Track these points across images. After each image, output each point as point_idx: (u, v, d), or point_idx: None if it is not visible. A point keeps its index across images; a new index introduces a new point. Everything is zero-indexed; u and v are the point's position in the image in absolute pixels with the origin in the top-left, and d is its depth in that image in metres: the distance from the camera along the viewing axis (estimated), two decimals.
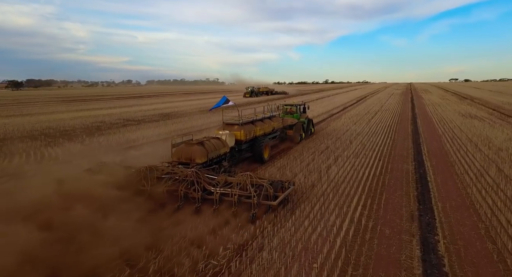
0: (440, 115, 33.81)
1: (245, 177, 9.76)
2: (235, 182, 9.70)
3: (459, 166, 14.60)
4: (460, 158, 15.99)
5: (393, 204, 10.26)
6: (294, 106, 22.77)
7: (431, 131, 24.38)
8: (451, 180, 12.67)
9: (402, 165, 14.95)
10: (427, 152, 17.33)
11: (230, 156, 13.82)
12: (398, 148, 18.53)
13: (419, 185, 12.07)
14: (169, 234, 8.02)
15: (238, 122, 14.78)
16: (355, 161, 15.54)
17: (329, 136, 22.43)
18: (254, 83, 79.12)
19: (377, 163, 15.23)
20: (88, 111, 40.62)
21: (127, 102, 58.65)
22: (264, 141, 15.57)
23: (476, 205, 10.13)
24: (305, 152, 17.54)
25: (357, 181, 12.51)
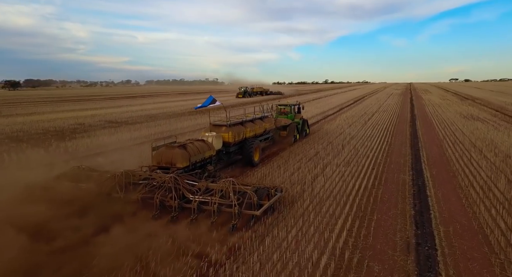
0: (441, 117, 32.08)
1: (227, 184, 8.92)
2: (217, 189, 8.92)
3: (462, 176, 12.86)
4: (463, 166, 14.25)
5: (385, 228, 8.52)
6: (288, 106, 21.67)
7: (431, 134, 22.65)
8: (454, 194, 10.93)
9: (398, 175, 13.21)
10: (426, 159, 15.59)
11: (217, 159, 13.13)
12: (394, 154, 16.79)
13: (417, 201, 10.34)
14: (131, 250, 6.94)
15: (225, 123, 13.95)
16: (345, 170, 13.80)
17: (320, 140, 20.70)
18: (250, 83, 77.14)
19: (370, 172, 13.50)
20: (72, 112, 38.87)
21: (118, 103, 56.87)
22: (254, 143, 14.67)
23: (486, 229, 8.39)
24: (291, 159, 15.81)
25: (345, 196, 10.76)
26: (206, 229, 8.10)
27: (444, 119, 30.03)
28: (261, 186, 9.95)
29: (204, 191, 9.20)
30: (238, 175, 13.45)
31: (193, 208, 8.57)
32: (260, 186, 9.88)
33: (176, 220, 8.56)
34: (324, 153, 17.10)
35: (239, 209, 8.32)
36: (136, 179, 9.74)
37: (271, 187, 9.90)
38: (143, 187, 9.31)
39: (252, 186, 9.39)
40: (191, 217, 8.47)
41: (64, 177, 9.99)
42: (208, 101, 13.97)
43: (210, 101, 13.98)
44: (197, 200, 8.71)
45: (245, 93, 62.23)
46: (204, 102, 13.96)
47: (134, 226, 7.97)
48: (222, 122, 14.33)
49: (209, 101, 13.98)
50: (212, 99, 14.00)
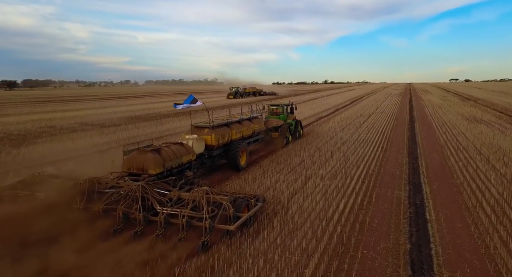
0: (441, 119, 30.01)
1: (200, 193, 8.00)
2: (189, 199, 8.07)
3: (469, 193, 10.79)
4: (469, 179, 12.18)
5: (371, 272, 6.46)
6: (280, 106, 20.68)
7: (431, 139, 20.58)
8: (460, 219, 8.86)
9: (393, 190, 11.15)
10: (425, 170, 13.52)
11: (198, 164, 12.31)
12: (389, 163, 14.72)
13: (413, 230, 8.28)
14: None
15: (208, 125, 13.02)
16: (330, 184, 11.73)
17: (308, 146, 18.63)
18: (243, 83, 74.87)
19: (360, 187, 11.44)
20: (52, 113, 36.77)
21: (107, 103, 54.82)
22: (240, 146, 13.77)
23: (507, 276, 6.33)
24: (270, 169, 13.75)
25: (325, 221, 8.70)
26: (171, 246, 7.15)
27: (445, 122, 27.97)
28: (241, 195, 9.17)
29: (176, 201, 8.34)
30: (221, 181, 12.44)
31: (160, 222, 7.58)
32: (240, 195, 9.07)
33: (141, 235, 7.60)
34: (309, 161, 15.03)
35: (211, 223, 7.31)
36: (102, 187, 8.84)
37: (252, 196, 9.05)
38: (108, 197, 8.40)
39: (230, 196, 8.39)
40: (157, 233, 7.47)
41: (21, 185, 9.03)
42: (188, 100, 12.78)
43: (190, 100, 12.79)
44: (165, 212, 7.73)
45: (237, 93, 59.60)
46: (184, 101, 12.76)
47: (87, 244, 6.98)
48: (205, 123, 13.25)
49: (189, 100, 12.79)
50: (192, 98, 12.82)
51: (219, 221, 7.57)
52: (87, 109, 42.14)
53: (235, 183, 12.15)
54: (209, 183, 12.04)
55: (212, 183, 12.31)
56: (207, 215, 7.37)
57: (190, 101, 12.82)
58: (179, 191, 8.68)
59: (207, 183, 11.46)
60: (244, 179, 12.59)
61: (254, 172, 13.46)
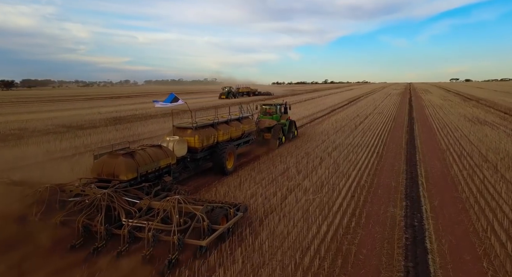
0: (442, 120, 28.30)
1: (172, 202, 7.21)
2: (159, 209, 7.29)
3: (477, 212, 9.09)
4: (476, 193, 10.48)
5: None
6: (273, 106, 19.96)
7: (432, 143, 18.87)
8: (468, 249, 7.15)
9: (386, 207, 9.46)
10: (425, 181, 11.82)
11: (181, 167, 11.59)
12: (384, 172, 13.03)
13: (410, 264, 6.58)
14: None
15: (191, 125, 12.15)
16: (313, 199, 10.03)
17: (297, 150, 16.95)
18: (240, 83, 72.98)
19: (348, 202, 9.74)
20: (34, 113, 35.03)
21: (96, 103, 53.14)
22: (227, 148, 12.94)
23: None
24: (249, 180, 12.06)
25: (299, 254, 6.99)
26: (135, 265, 6.32)
27: (447, 123, 26.25)
28: (220, 203, 8.36)
29: (146, 211, 7.55)
30: (205, 186, 11.54)
31: (123, 236, 6.80)
32: (219, 203, 8.26)
33: (102, 252, 6.77)
34: (295, 169, 13.34)
35: (181, 238, 6.48)
36: (66, 195, 8.02)
37: (233, 205, 8.28)
38: (72, 207, 7.58)
39: (205, 205, 7.46)
40: (119, 249, 6.67)
41: None
42: (168, 99, 11.90)
43: (171, 99, 11.91)
44: (130, 224, 6.94)
45: (229, 93, 57.35)
46: (165, 100, 11.92)
47: (34, 263, 6.20)
48: (188, 124, 12.41)
49: (170, 99, 11.91)
50: (173, 97, 11.95)
51: (192, 235, 6.73)
52: (73, 110, 40.45)
53: (221, 188, 10.63)
54: (191, 189, 11.07)
55: (195, 189, 11.27)
56: (176, 228, 6.55)
57: (171, 100, 11.90)
58: (150, 200, 7.83)
59: (187, 189, 10.35)
60: (228, 184, 10.92)
61: (241, 177, 11.83)
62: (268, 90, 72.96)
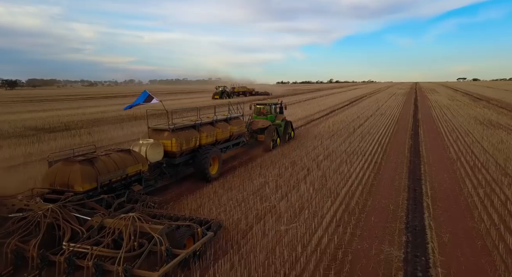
0: (451, 123, 25.75)
1: (126, 221, 6.05)
2: (112, 229, 6.11)
3: (503, 254, 6.71)
4: (498, 224, 8.07)
5: None
6: (267, 105, 18.86)
7: (439, 150, 16.43)
8: None
9: (380, 245, 7.13)
10: (432, 203, 9.45)
11: (156, 174, 10.59)
12: (381, 190, 10.67)
13: None
14: None
15: (168, 127, 11.03)
16: (284, 234, 7.72)
17: (282, 158, 14.65)
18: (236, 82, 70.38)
19: (329, 238, 7.42)
20: (12, 114, 32.93)
21: (88, 103, 51.27)
22: (210, 152, 11.84)
23: None
24: (209, 203, 9.78)
25: None
26: None
27: (456, 127, 23.71)
28: (191, 219, 7.48)
29: (98, 231, 6.44)
30: (182, 196, 10.27)
31: (58, 264, 5.71)
32: (188, 219, 7.43)
33: None
34: (274, 185, 11.05)
35: (127, 268, 5.35)
36: (6, 210, 6.95)
37: (204, 221, 7.40)
38: (10, 225, 6.54)
39: (166, 224, 6.31)
40: None
41: None
42: (141, 98, 10.57)
43: (144, 98, 10.58)
44: (71, 249, 5.86)
45: (223, 93, 54.57)
46: (137, 99, 10.63)
47: None
48: (165, 125, 11.26)
49: (143, 98, 10.58)
50: (147, 95, 10.63)
51: (147, 262, 5.72)
52: (59, 110, 38.46)
53: (193, 200, 8.68)
54: (165, 199, 9.89)
55: (169, 199, 10.00)
56: (123, 255, 5.56)
57: (144, 98, 10.59)
58: (104, 217, 6.65)
59: (157, 200, 9.09)
60: (207, 195, 8.66)
61: (226, 184, 9.57)
62: (267, 89, 69.82)
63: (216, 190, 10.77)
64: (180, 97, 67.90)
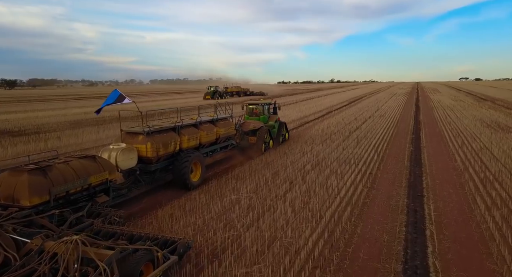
0: (455, 125, 23.82)
1: (68, 246, 5.11)
2: (48, 255, 5.16)
3: None
4: None
5: None
6: (260, 105, 17.81)
7: (444, 158, 14.53)
8: None
9: None
10: (437, 231, 7.56)
11: (130, 182, 9.66)
12: (375, 211, 8.79)
13: None
14: None
15: (142, 130, 10.09)
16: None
17: (265, 168, 12.80)
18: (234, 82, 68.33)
19: None
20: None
21: (74, 103, 49.63)
22: (192, 157, 10.93)
23: None
24: (170, 222, 7.92)
25: None
26: None
27: (461, 130, 21.79)
28: (155, 239, 6.23)
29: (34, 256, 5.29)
30: (154, 208, 9.22)
31: None
32: (153, 240, 6.17)
33: None
34: (245, 205, 9.21)
35: None
36: None
37: (170, 242, 6.18)
38: None
39: (118, 249, 5.20)
40: None
41: None
42: (111, 98, 9.48)
43: (115, 98, 9.49)
44: None
45: (215, 93, 52.08)
46: (106, 100, 9.52)
47: None
48: (140, 128, 10.30)
49: (113, 98, 9.49)
50: (118, 94, 9.53)
51: None
52: (42, 111, 36.73)
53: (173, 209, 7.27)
54: (135, 211, 8.85)
55: (140, 211, 8.91)
56: None
57: (114, 98, 9.50)
58: (45, 239, 5.55)
59: (123, 214, 7.84)
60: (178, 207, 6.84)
61: (188, 203, 7.72)
62: (263, 89, 67.36)
63: (174, 210, 8.91)
64: (175, 97, 66.15)
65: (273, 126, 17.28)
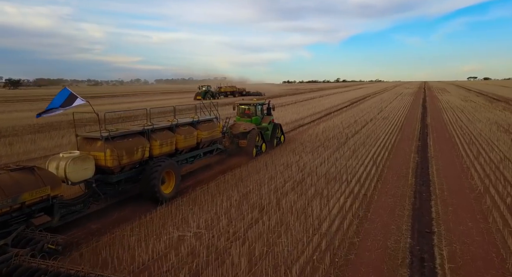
0: (467, 130, 21.09)
1: None
2: None
3: None
4: None
5: None
6: (252, 106, 16.42)
7: (457, 173, 11.90)
8: None
9: None
10: None
11: (87, 196, 8.24)
12: (364, 262, 6.25)
13: None
14: None
15: (99, 135, 8.52)
16: None
17: (235, 185, 10.33)
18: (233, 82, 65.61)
19: None
20: None
21: None
22: (162, 165, 9.37)
23: None
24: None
25: None
26: None
27: (474, 135, 19.07)
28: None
29: None
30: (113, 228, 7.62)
31: None
32: None
33: None
34: (185, 250, 6.75)
35: None
36: None
37: None
38: None
39: None
40: None
41: None
42: (58, 100, 7.74)
43: (62, 100, 7.76)
44: None
45: (206, 93, 49.17)
46: (52, 101, 7.76)
47: None
48: (97, 133, 8.77)
49: (61, 99, 7.76)
50: (67, 94, 7.82)
51: None
52: (21, 112, 34.66)
53: None
54: (86, 233, 7.45)
55: (95, 233, 7.45)
56: None
57: (62, 100, 7.80)
58: None
59: (61, 241, 6.33)
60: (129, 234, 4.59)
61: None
62: (261, 89, 63.87)
63: (133, 231, 6.47)
64: (172, 96, 63.88)
65: (267, 128, 16.04)
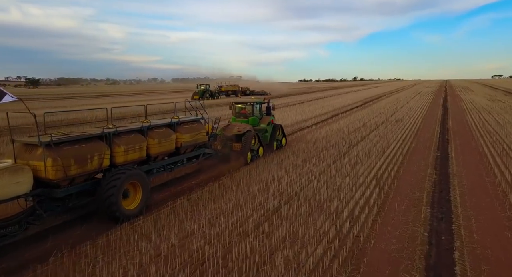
0: (497, 136, 17.71)
1: None
2: None
3: None
4: None
5: None
6: (249, 105, 15.21)
7: (491, 202, 8.85)
8: None
9: None
10: None
11: (24, 216, 6.96)
12: None
13: None
14: None
15: (38, 141, 7.18)
16: None
17: (178, 224, 7.70)
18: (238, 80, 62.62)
19: None
20: None
21: (64, 103, 46.39)
22: (123, 176, 7.95)
23: None
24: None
25: None
26: None
27: (507, 143, 15.73)
28: None
29: None
30: None
31: None
32: None
33: None
34: None
35: None
36: None
37: None
38: None
39: None
40: None
41: None
42: None
43: None
44: None
45: (204, 93, 46.31)
46: None
47: None
48: (36, 138, 7.11)
49: None
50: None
51: None
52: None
53: None
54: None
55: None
56: None
57: None
58: None
59: None
60: None
61: None
62: (267, 88, 59.64)
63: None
64: (175, 96, 61.88)
65: (265, 129, 14.69)
